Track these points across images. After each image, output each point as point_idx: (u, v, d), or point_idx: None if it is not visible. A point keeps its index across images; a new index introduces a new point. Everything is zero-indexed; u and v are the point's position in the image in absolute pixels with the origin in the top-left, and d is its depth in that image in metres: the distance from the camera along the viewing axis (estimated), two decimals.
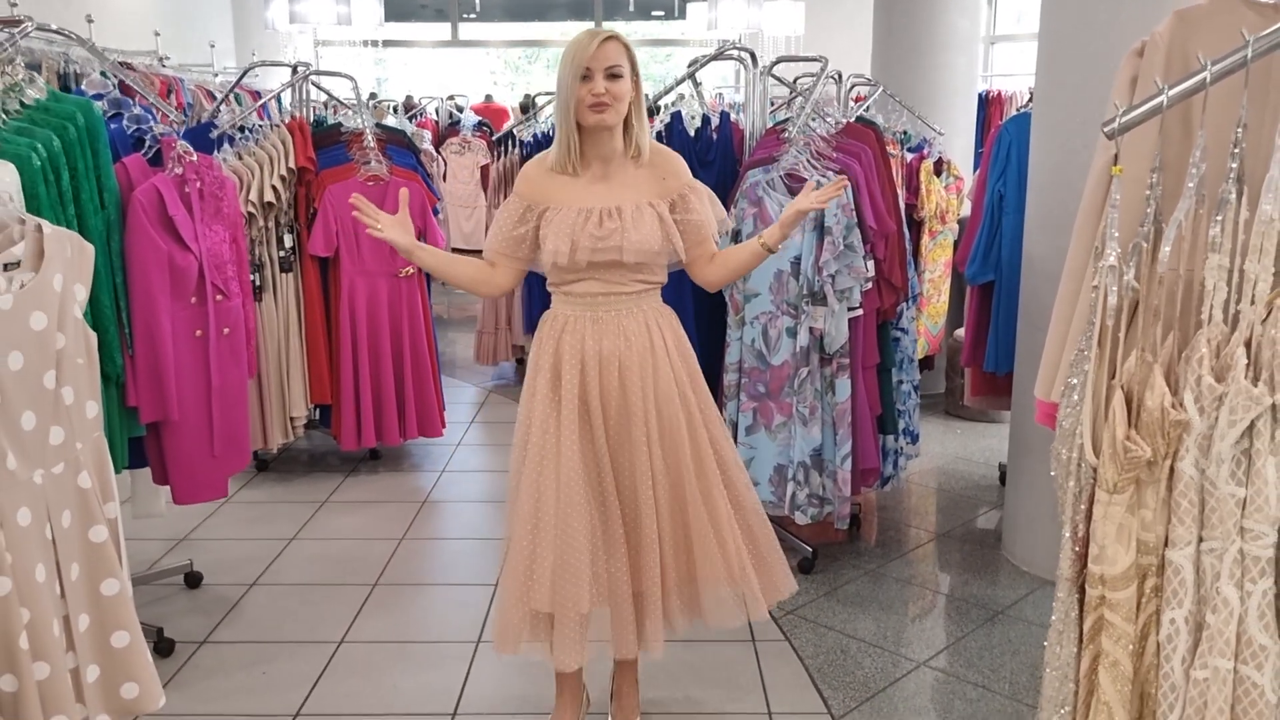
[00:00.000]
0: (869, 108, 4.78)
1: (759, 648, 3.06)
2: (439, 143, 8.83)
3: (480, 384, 6.23)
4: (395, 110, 9.24)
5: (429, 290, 4.69)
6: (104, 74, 3.55)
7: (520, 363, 6.14)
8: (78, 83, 4.06)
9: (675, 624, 2.44)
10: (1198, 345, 1.64)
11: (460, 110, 9.80)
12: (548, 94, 7.13)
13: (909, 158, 4.95)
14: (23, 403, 1.88)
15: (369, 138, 4.41)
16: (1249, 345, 1.59)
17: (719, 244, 2.48)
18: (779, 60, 4.13)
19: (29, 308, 1.87)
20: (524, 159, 5.76)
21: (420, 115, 10.00)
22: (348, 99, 5.05)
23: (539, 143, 5.46)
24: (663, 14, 14.86)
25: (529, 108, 8.52)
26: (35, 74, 2.73)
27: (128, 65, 4.52)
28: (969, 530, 4.03)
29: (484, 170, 8.15)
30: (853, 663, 3.00)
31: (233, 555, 3.75)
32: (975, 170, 5.38)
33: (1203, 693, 1.62)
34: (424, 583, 3.60)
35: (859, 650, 3.07)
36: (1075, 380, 1.78)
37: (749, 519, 2.47)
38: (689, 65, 3.95)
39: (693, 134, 3.87)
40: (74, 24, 3.72)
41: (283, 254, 4.29)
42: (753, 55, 3.82)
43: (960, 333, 4.79)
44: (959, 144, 5.87)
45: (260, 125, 4.27)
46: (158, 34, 6.08)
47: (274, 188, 4.15)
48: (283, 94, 5.18)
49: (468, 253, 6.20)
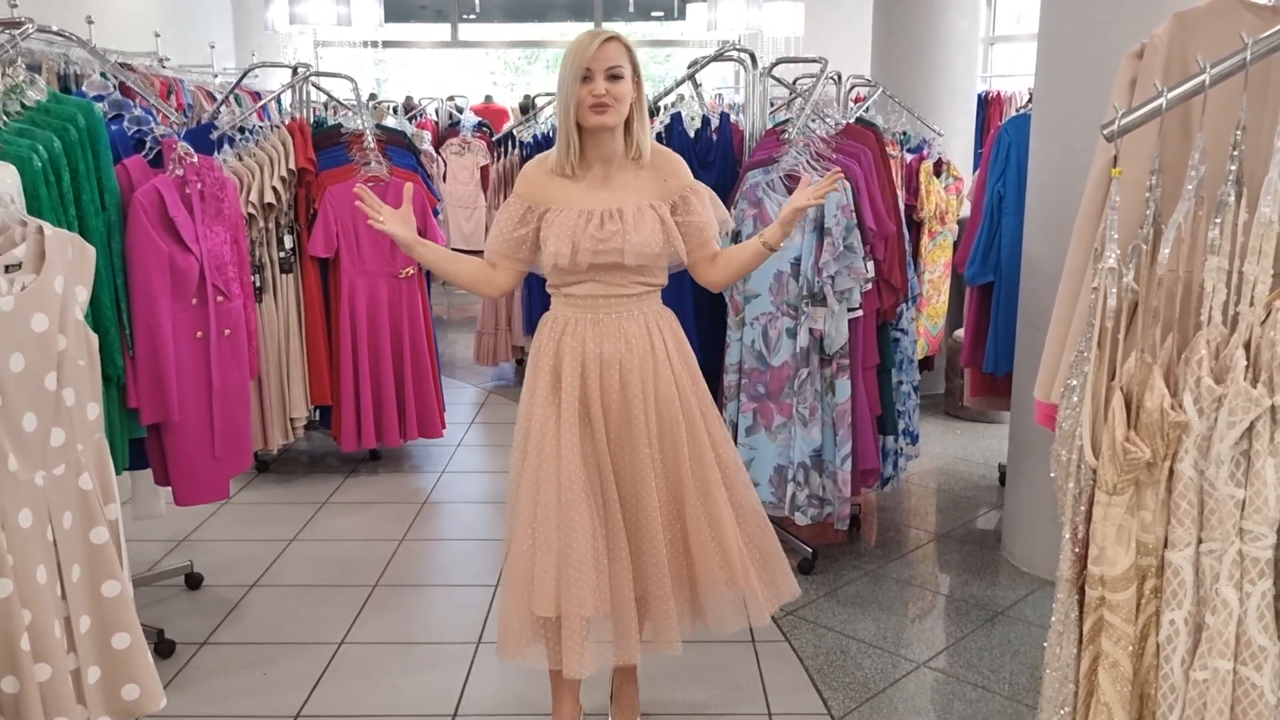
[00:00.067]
0: (868, 108, 4.79)
1: (759, 648, 3.07)
2: (439, 143, 8.83)
3: (480, 385, 6.23)
4: (395, 111, 9.24)
5: (429, 291, 4.69)
6: (104, 75, 3.55)
7: (520, 363, 6.14)
8: (78, 84, 4.06)
9: (678, 626, 2.43)
10: (1197, 347, 1.64)
11: (460, 111, 9.81)
12: (547, 95, 7.13)
13: (908, 158, 4.95)
14: (24, 404, 1.88)
15: (369, 139, 4.41)
16: (1248, 347, 1.59)
17: (720, 244, 2.47)
18: (779, 61, 4.12)
19: (30, 309, 1.88)
20: (524, 160, 5.77)
21: (420, 116, 10.01)
22: (348, 100, 5.05)
23: (539, 143, 5.46)
24: (662, 15, 14.87)
25: (529, 108, 8.52)
26: (36, 75, 2.73)
27: (128, 66, 4.52)
28: (969, 531, 4.03)
29: (484, 171, 8.16)
30: (853, 663, 3.01)
31: (233, 556, 3.75)
32: (975, 171, 5.38)
33: (1202, 694, 1.62)
34: (424, 584, 3.60)
35: (859, 651, 3.08)
36: (1075, 382, 1.78)
37: (750, 522, 2.45)
38: (689, 66, 3.95)
39: (692, 135, 3.87)
40: (74, 25, 3.72)
41: (283, 255, 4.29)
42: (752, 56, 3.82)
43: (960, 333, 4.79)
44: (958, 145, 5.87)
45: (260, 126, 4.27)
46: (158, 35, 6.10)
47: (274, 189, 4.16)
48: (283, 95, 5.19)
49: (468, 253, 6.20)
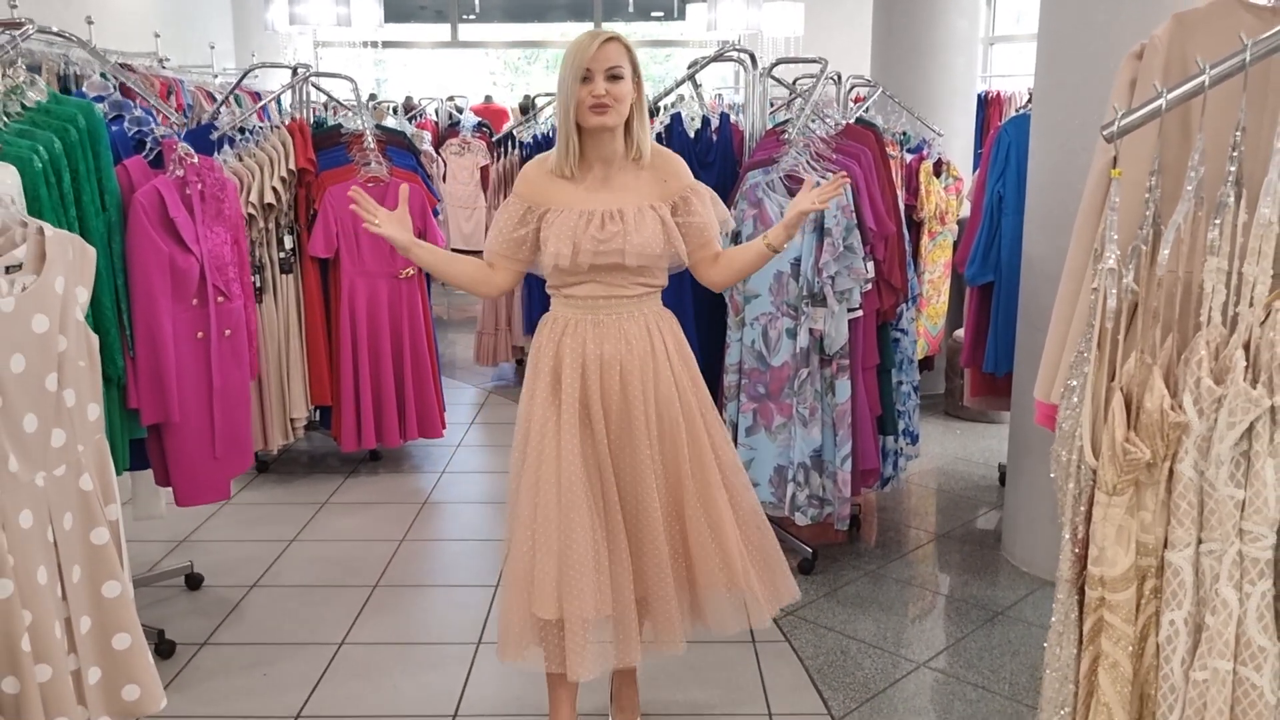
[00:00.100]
0: (868, 109, 4.79)
1: (759, 649, 3.07)
2: (439, 144, 8.83)
3: (480, 385, 6.23)
4: (395, 111, 9.24)
5: (429, 291, 4.69)
6: (104, 76, 3.55)
7: (520, 364, 6.14)
8: (78, 84, 4.06)
9: (680, 626, 2.42)
10: (1197, 347, 1.64)
11: (460, 111, 9.81)
12: (547, 95, 7.13)
13: (908, 159, 4.95)
14: (25, 405, 1.88)
15: (369, 139, 4.41)
16: (1248, 348, 1.59)
17: (720, 244, 2.47)
18: (778, 61, 4.13)
19: (31, 310, 1.88)
20: (524, 160, 5.77)
21: (420, 116, 10.01)
22: (347, 100, 5.05)
23: (539, 144, 5.46)
24: (662, 15, 14.86)
25: (529, 109, 8.52)
26: (36, 76, 2.73)
27: (128, 67, 4.52)
28: (969, 531, 4.03)
29: (484, 171, 8.15)
30: (853, 664, 3.01)
31: (233, 557, 3.75)
32: (974, 171, 5.39)
33: (1202, 694, 1.62)
34: (424, 584, 3.60)
35: (859, 651, 3.08)
36: (1075, 382, 1.78)
37: (750, 524, 2.45)
38: (689, 67, 3.95)
39: (692, 135, 3.87)
40: (73, 25, 3.72)
41: (283, 255, 4.29)
42: (752, 56, 3.82)
43: (960, 333, 4.80)
44: (958, 145, 5.87)
45: (260, 127, 4.27)
46: (157, 35, 6.10)
47: (274, 189, 4.16)
48: (283, 95, 5.19)
49: (467, 254, 6.20)
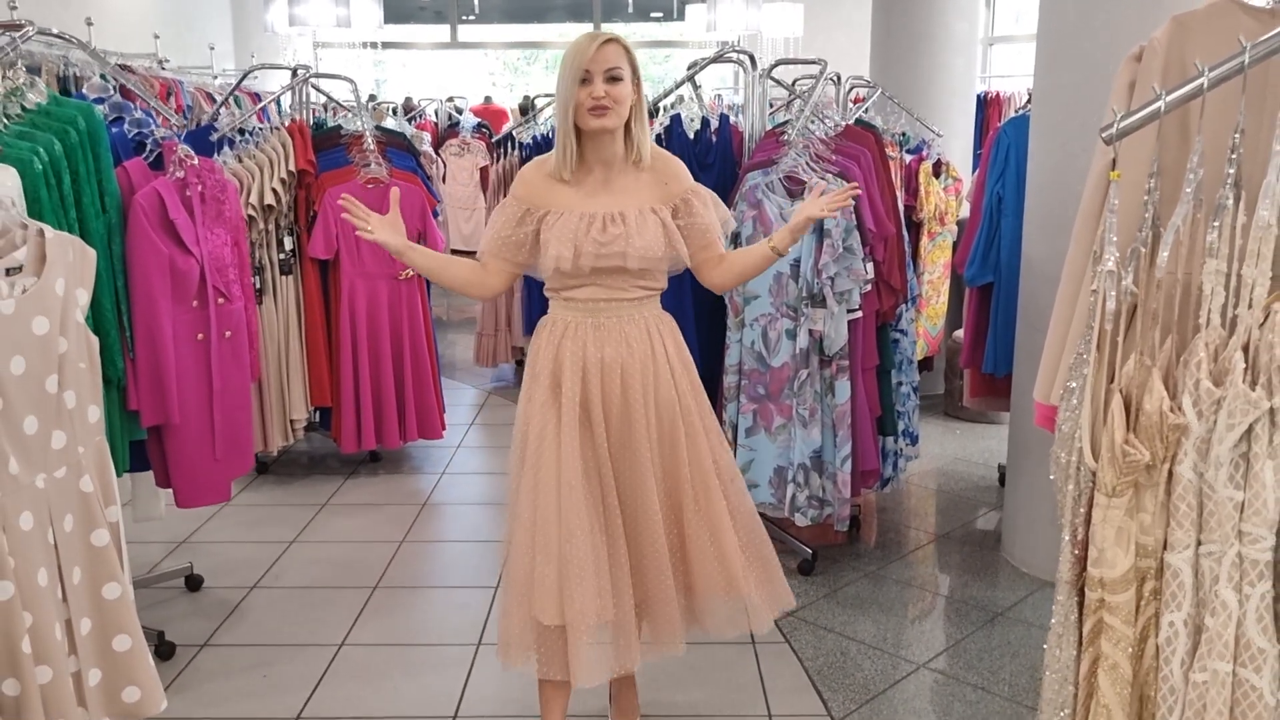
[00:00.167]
0: (868, 109, 4.79)
1: (759, 650, 3.07)
2: (438, 144, 8.83)
3: (480, 386, 6.23)
4: (394, 112, 9.24)
5: (429, 292, 4.69)
6: (104, 77, 3.55)
7: (520, 364, 6.14)
8: (77, 86, 4.06)
9: (681, 628, 2.42)
10: (1196, 349, 1.64)
11: (459, 112, 9.82)
12: (547, 96, 7.14)
13: (908, 159, 4.96)
14: (25, 407, 1.88)
15: (369, 140, 4.41)
16: (1247, 349, 1.59)
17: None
18: (778, 62, 4.13)
19: (31, 312, 1.88)
20: (523, 161, 5.77)
21: (419, 117, 10.01)
22: (347, 101, 5.05)
23: (538, 144, 5.46)
24: (661, 16, 14.86)
25: (528, 109, 8.54)
26: (36, 78, 2.73)
27: (127, 68, 4.52)
28: (968, 532, 4.03)
29: (483, 172, 8.17)
30: (852, 665, 3.01)
31: (233, 558, 3.75)
32: (974, 172, 5.39)
33: (1201, 695, 1.63)
34: (424, 585, 3.60)
35: (859, 652, 3.08)
36: (1074, 384, 1.78)
37: (748, 529, 2.44)
38: (688, 67, 3.95)
39: (692, 136, 3.87)
40: (73, 26, 3.72)
41: (283, 257, 4.29)
42: (751, 57, 3.82)
43: (959, 334, 4.80)
44: (957, 145, 5.88)
45: (260, 128, 4.27)
46: (157, 36, 6.10)
47: (274, 190, 4.16)
48: (282, 97, 5.19)
49: (467, 254, 6.22)
